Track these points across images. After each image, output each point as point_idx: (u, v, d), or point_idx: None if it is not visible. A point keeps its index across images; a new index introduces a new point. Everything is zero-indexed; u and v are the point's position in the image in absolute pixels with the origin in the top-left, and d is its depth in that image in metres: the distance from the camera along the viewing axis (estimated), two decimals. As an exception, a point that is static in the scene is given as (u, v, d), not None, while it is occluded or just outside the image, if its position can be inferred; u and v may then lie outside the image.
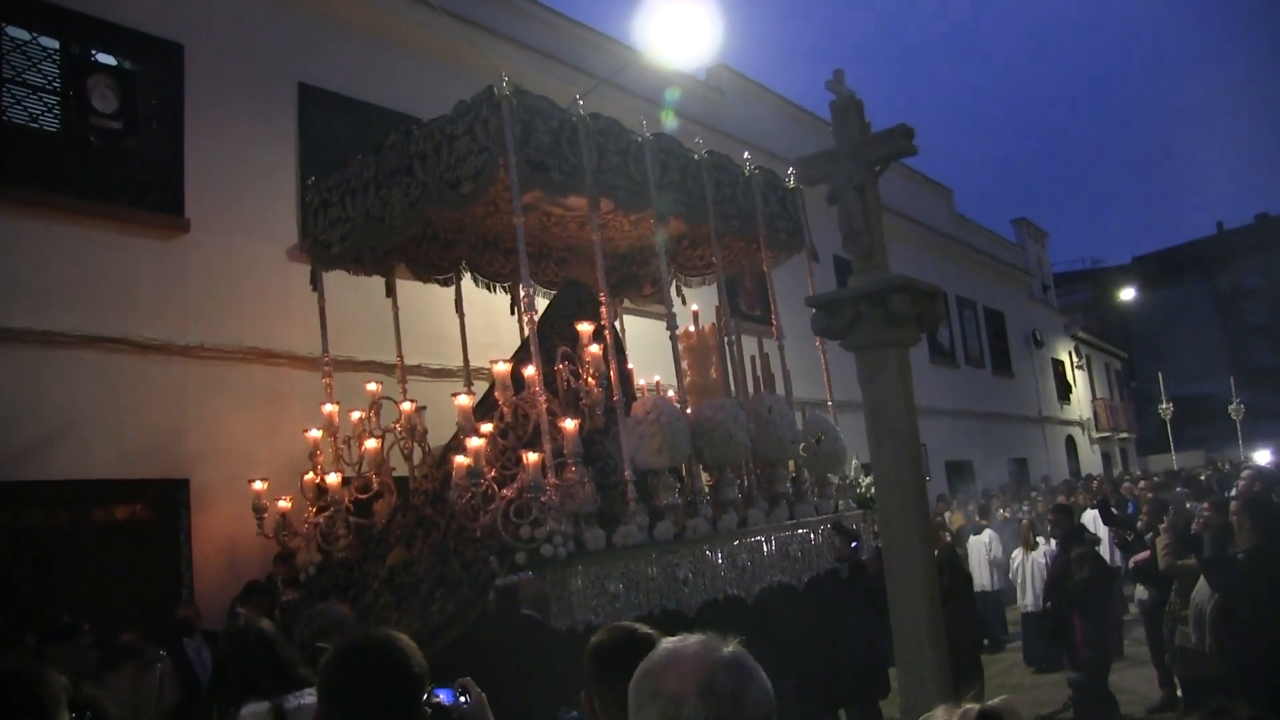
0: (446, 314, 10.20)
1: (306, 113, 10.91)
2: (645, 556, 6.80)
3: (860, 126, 4.85)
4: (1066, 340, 36.12)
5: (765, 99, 19.59)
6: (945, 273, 24.26)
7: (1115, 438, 39.17)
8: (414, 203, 7.25)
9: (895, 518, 4.57)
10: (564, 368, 7.16)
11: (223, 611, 8.06)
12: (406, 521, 7.59)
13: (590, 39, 14.95)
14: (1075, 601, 9.27)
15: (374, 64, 11.80)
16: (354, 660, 2.53)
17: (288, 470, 8.96)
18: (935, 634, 4.42)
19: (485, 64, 12.73)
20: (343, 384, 9.24)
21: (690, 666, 1.65)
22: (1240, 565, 6.82)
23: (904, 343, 4.69)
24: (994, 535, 14.22)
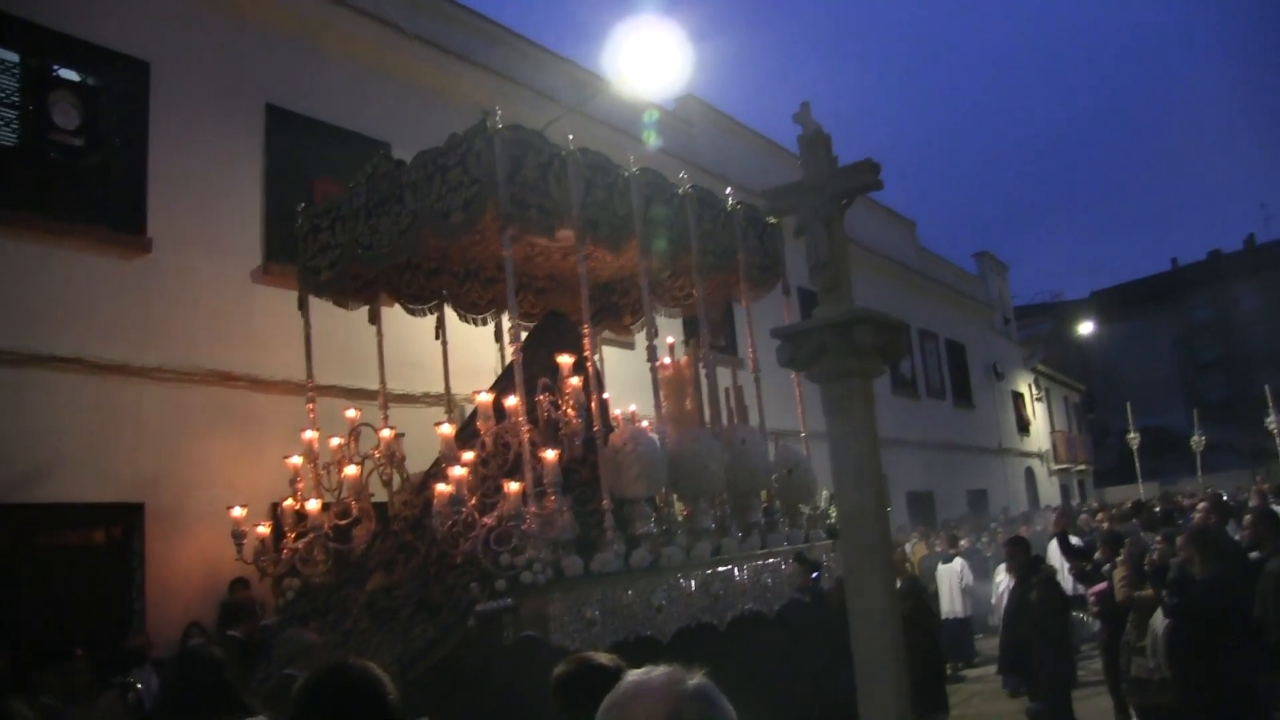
0: (415, 340, 10.11)
1: (274, 134, 10.91)
2: (622, 584, 7.00)
3: (828, 160, 4.90)
4: (1026, 372, 36.54)
5: (733, 130, 19.74)
6: (908, 305, 24.44)
7: (1073, 469, 39.67)
8: (404, 231, 7.41)
9: (858, 548, 4.56)
10: (545, 398, 7.31)
11: (175, 639, 7.87)
12: (386, 547, 7.71)
13: (561, 67, 15.00)
14: (1034, 631, 9.25)
15: (344, 87, 11.77)
16: (328, 687, 2.56)
17: (248, 494, 8.83)
18: (897, 664, 4.42)
19: (456, 90, 12.76)
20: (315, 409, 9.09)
21: (657, 698, 1.65)
22: (1197, 591, 6.86)
23: (868, 374, 4.73)
24: (964, 563, 14.83)
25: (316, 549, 7.85)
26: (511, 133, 7.02)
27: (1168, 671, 7.29)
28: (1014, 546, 10.56)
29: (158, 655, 7.81)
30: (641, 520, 7.30)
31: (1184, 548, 7.46)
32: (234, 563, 8.79)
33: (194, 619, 8.50)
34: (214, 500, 9.32)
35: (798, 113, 4.88)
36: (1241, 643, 7.21)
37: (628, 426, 7.94)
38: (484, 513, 6.60)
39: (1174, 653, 7.21)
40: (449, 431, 7.21)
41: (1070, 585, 11.48)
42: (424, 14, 12.92)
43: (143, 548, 8.99)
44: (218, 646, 4.26)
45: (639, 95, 14.77)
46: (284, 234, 10.57)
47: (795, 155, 4.92)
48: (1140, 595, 8.08)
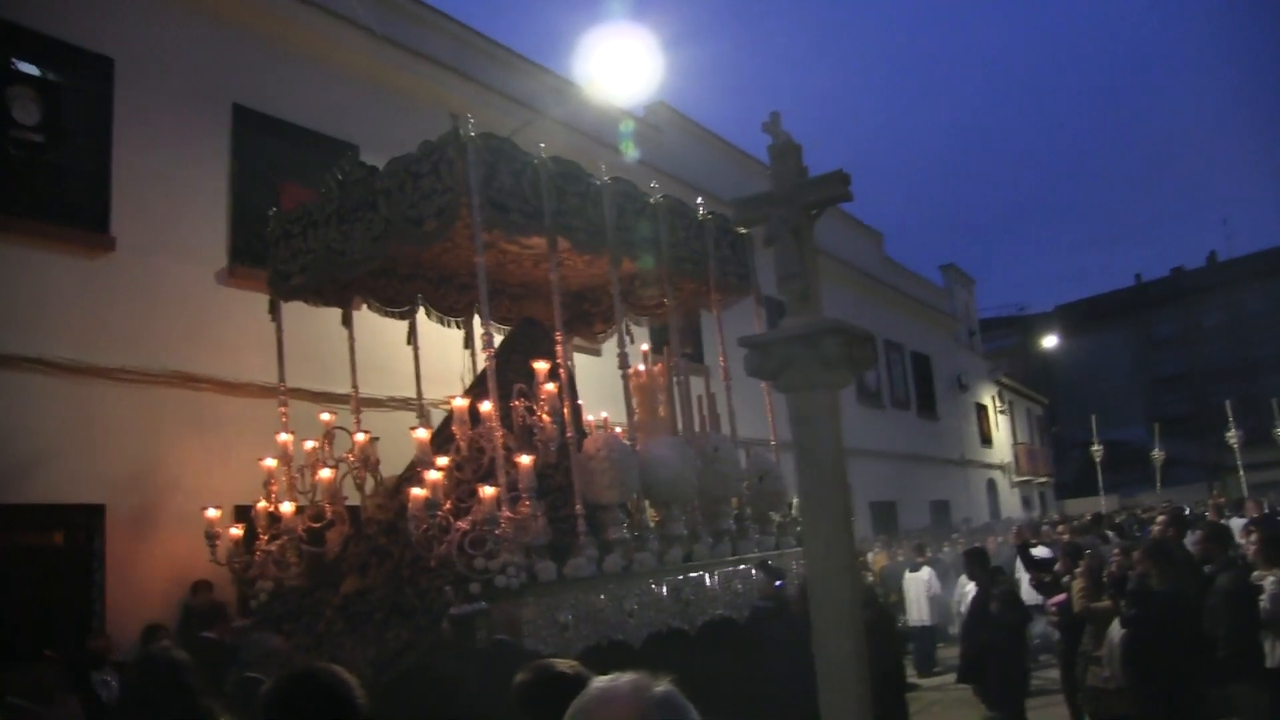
0: (381, 345, 10.13)
1: (240, 134, 10.87)
2: (594, 589, 7.12)
3: (798, 170, 4.89)
4: (990, 385, 36.93)
5: (702, 137, 19.86)
6: (874, 315, 24.65)
7: (1035, 482, 40.12)
8: (377, 238, 7.50)
9: (822, 557, 4.60)
10: (520, 404, 7.44)
11: (134, 641, 7.82)
12: (360, 551, 7.78)
13: (531, 72, 15.04)
14: (992, 642, 9.35)
15: (312, 89, 11.75)
16: (298, 691, 2.58)
17: (212, 497, 8.81)
18: (860, 673, 4.44)
19: (425, 94, 12.78)
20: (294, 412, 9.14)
21: (623, 705, 1.66)
22: (1155, 602, 7.01)
23: (835, 385, 4.76)
24: (932, 572, 15.28)
25: (290, 551, 7.93)
26: (484, 141, 7.13)
27: (1123, 680, 7.42)
28: (973, 557, 10.68)
29: (118, 658, 7.76)
30: (614, 526, 7.42)
31: (1141, 560, 7.62)
32: (197, 565, 8.79)
33: (155, 622, 8.45)
34: (177, 502, 9.32)
35: (767, 122, 4.91)
36: (1195, 654, 7.37)
37: (601, 433, 8.08)
38: (459, 517, 6.70)
39: (1130, 662, 7.36)
40: (424, 436, 7.31)
41: (1030, 596, 11.63)
42: (394, 16, 12.93)
43: (103, 550, 8.93)
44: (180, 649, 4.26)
45: (609, 101, 14.82)
46: (250, 236, 10.55)
47: (765, 164, 4.98)
48: (1097, 606, 8.22)
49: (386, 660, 6.30)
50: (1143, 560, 7.62)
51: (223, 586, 9.10)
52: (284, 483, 8.36)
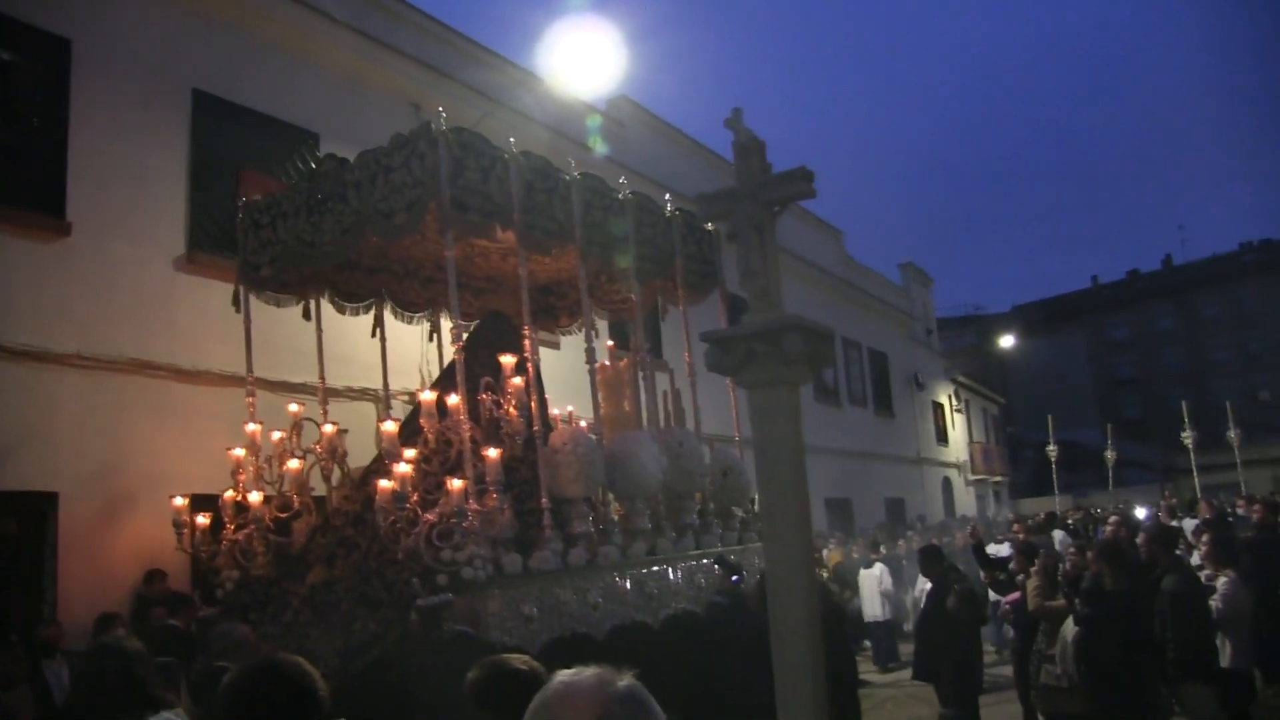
0: (339, 336, 10.12)
1: (200, 120, 10.82)
2: (559, 581, 7.25)
3: (762, 167, 4.92)
4: (947, 384, 37.33)
5: (664, 132, 19.98)
6: (832, 313, 24.86)
7: (990, 481, 40.57)
8: (347, 230, 7.56)
9: (780, 553, 4.63)
10: (487, 397, 7.53)
11: (88, 630, 7.82)
12: (327, 542, 7.83)
13: (494, 63, 15.06)
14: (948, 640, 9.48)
15: (273, 75, 11.73)
16: (261, 682, 2.60)
17: (167, 484, 8.81)
18: (817, 669, 4.48)
19: (386, 82, 12.79)
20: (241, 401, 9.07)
21: (586, 700, 1.65)
22: (1108, 602, 7.17)
23: (796, 381, 4.78)
24: (884, 568, 15.66)
25: (256, 541, 7.98)
26: (455, 135, 7.20)
27: (1077, 679, 7.57)
28: (926, 555, 10.82)
29: (70, 647, 7.75)
30: (579, 520, 7.55)
31: (1094, 560, 7.76)
32: (152, 553, 8.78)
33: (109, 611, 8.43)
34: (131, 490, 9.31)
35: (729, 118, 4.92)
36: (1148, 653, 7.57)
37: (567, 427, 8.19)
38: (426, 509, 6.79)
39: (1083, 661, 7.50)
40: (392, 428, 7.40)
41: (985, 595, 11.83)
42: (358, 4, 12.94)
43: (55, 537, 8.89)
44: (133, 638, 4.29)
45: (572, 94, 14.88)
46: (209, 222, 10.54)
47: (725, 159, 5.07)
48: (1052, 605, 8.37)
49: (353, 651, 6.40)
50: (1096, 560, 7.77)
51: (178, 575, 9.11)
52: (251, 473, 8.41)
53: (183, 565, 9.40)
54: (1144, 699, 7.79)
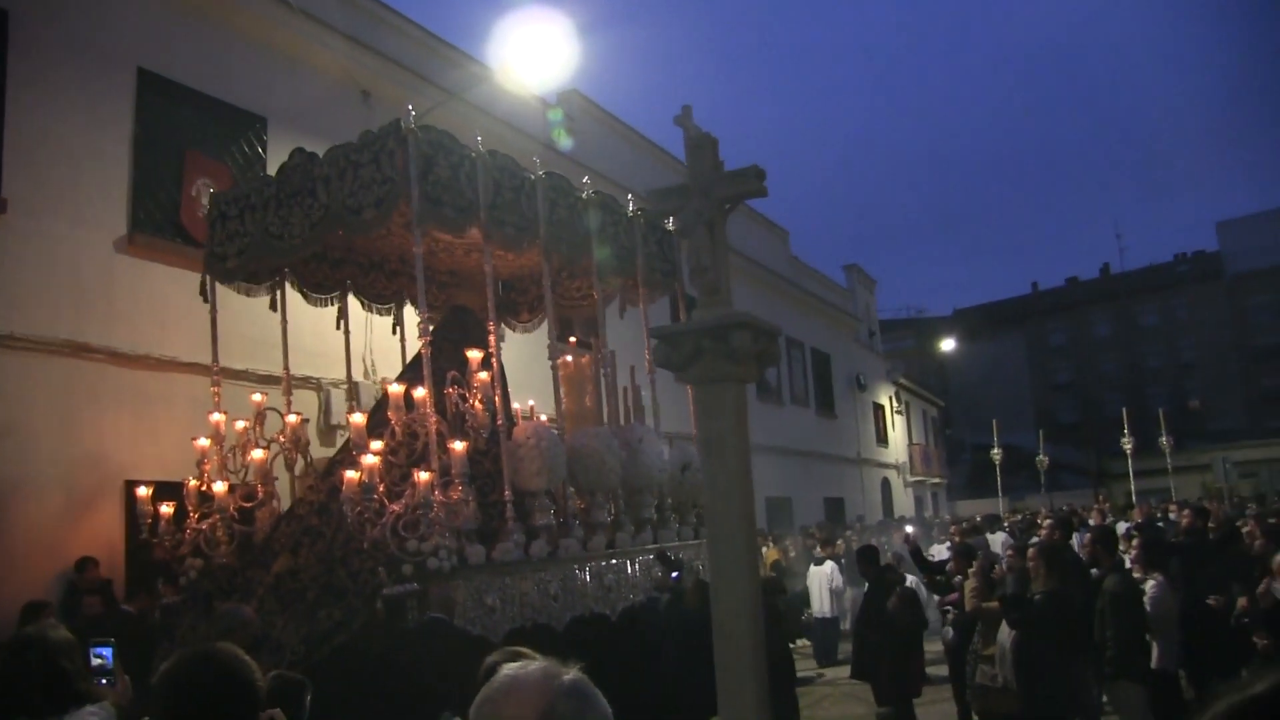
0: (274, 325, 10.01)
1: (145, 100, 10.71)
2: (521, 573, 7.46)
3: (714, 164, 4.96)
4: (888, 385, 37.81)
5: (613, 127, 20.06)
6: (777, 312, 25.06)
7: (928, 482, 41.08)
8: (315, 224, 7.70)
9: (724, 549, 4.69)
10: (454, 391, 7.70)
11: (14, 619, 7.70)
12: (292, 531, 7.96)
13: (444, 52, 15.07)
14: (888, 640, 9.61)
15: (221, 57, 11.64)
16: (199, 671, 2.60)
17: (99, 470, 8.69)
18: (758, 665, 4.52)
19: (336, 68, 12.74)
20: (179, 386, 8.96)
21: (531, 694, 1.65)
22: (1037, 606, 7.33)
23: (743, 379, 4.83)
24: (834, 565, 15.94)
25: (220, 530, 8.08)
26: (424, 133, 7.38)
27: (1014, 680, 7.72)
28: (863, 555, 10.96)
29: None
30: (541, 512, 7.75)
31: (1033, 559, 7.93)
32: (83, 541, 8.68)
33: (37, 600, 8.31)
34: (61, 475, 9.22)
35: (679, 116, 4.96)
36: (1081, 654, 7.74)
37: (531, 422, 8.41)
38: (392, 500, 6.96)
39: (1020, 664, 7.65)
40: (360, 420, 7.57)
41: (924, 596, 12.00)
42: (308, -11, 12.79)
43: (-15, 521, 8.73)
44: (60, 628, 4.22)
45: (522, 86, 14.86)
46: (152, 204, 10.42)
47: (673, 155, 5.10)
48: (988, 606, 8.53)
49: (319, 638, 6.53)
50: (1034, 559, 7.93)
51: (110, 562, 8.99)
52: (216, 462, 8.48)
53: (117, 552, 9.30)
54: (1075, 700, 7.98)
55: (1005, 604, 7.88)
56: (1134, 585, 7.98)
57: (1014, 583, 7.97)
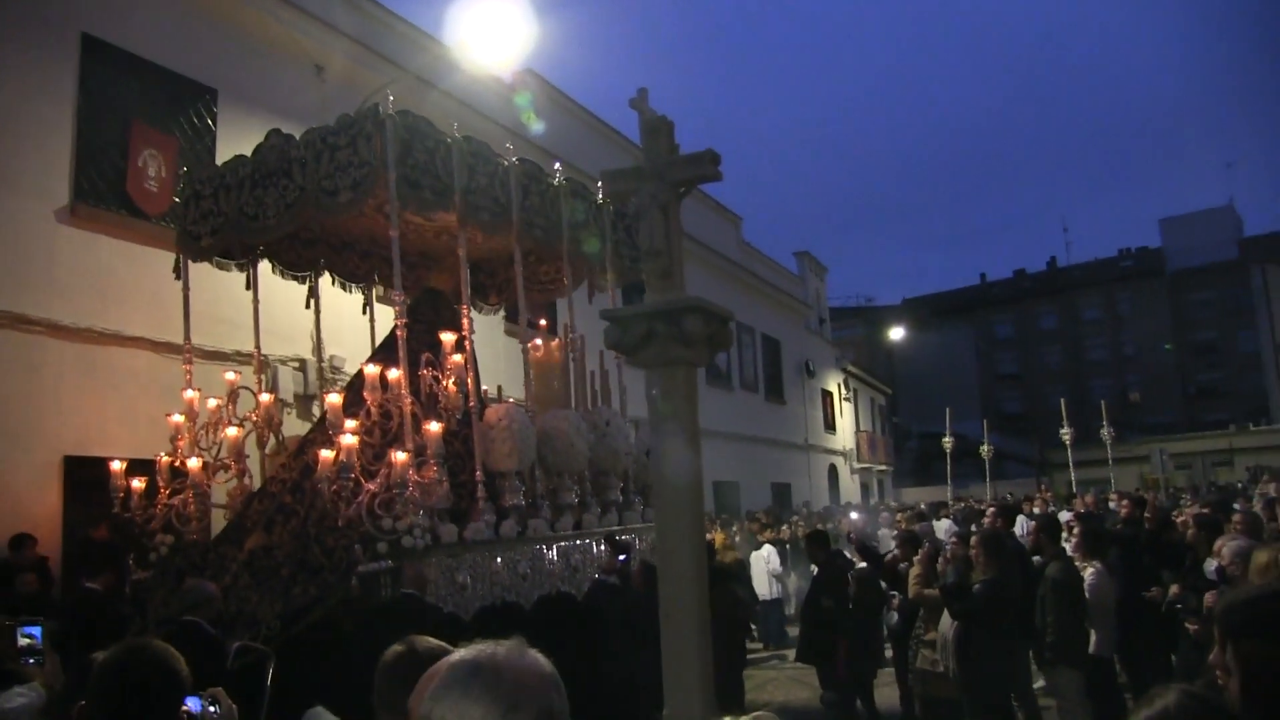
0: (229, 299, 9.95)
1: (90, 68, 10.50)
2: (491, 552, 7.67)
3: (669, 147, 4.92)
4: (837, 372, 38.14)
5: (567, 108, 20.02)
6: (728, 297, 25.08)
7: (874, 469, 41.41)
8: (290, 205, 7.82)
9: (672, 533, 4.68)
10: (428, 373, 7.86)
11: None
12: (265, 508, 8.08)
13: (398, 28, 14.97)
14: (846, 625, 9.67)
15: (170, 26, 11.45)
16: (130, 663, 2.76)
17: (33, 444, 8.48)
18: (704, 649, 4.52)
19: (288, 41, 12.59)
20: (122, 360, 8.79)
21: (428, 679, 1.69)
22: (976, 595, 7.42)
23: (694, 363, 4.81)
24: (772, 549, 16.46)
25: (193, 506, 8.21)
26: (402, 118, 7.52)
27: (955, 669, 7.82)
28: (813, 539, 11.01)
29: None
30: (511, 493, 7.95)
31: (975, 548, 8.06)
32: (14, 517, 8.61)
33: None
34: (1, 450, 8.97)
35: (634, 99, 4.94)
36: (1018, 640, 7.84)
37: (503, 404, 8.58)
38: (367, 479, 7.12)
39: (960, 651, 7.75)
40: (337, 401, 7.66)
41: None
42: (261, -43, 12.56)
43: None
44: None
45: (476, 65, 14.71)
46: (96, 174, 10.20)
47: (626, 137, 5.06)
48: (930, 593, 8.62)
49: (294, 614, 6.69)
50: (977, 547, 8.04)
51: (49, 540, 8.83)
52: (188, 439, 8.57)
53: (54, 529, 9.13)
54: (1012, 685, 8.09)
55: (946, 593, 7.96)
56: (1075, 573, 8.12)
57: (955, 572, 8.07)
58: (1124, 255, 70.70)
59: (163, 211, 10.78)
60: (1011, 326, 70.04)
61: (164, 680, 2.73)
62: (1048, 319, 68.69)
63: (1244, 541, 6.40)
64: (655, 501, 5.21)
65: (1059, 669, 7.84)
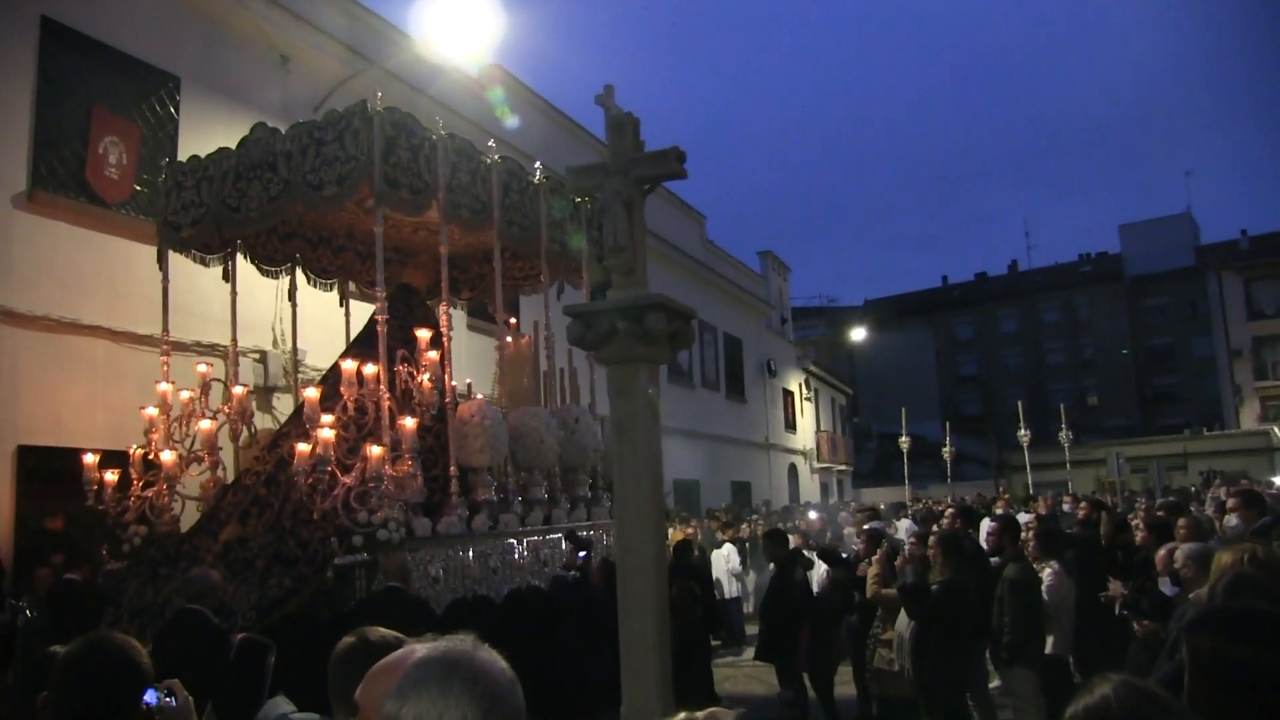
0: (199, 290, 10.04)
1: (49, 51, 10.34)
2: (463, 545, 7.88)
3: (635, 144, 4.96)
4: (798, 372, 38.32)
5: (533, 103, 19.95)
6: (691, 296, 25.11)
7: (834, 469, 41.60)
8: (274, 198, 7.94)
9: (632, 529, 4.72)
10: (404, 369, 7.98)
11: None
12: (239, 500, 8.18)
13: (364, 18, 14.82)
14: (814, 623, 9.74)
15: (133, 11, 11.38)
16: (92, 655, 2.79)
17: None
18: (662, 644, 4.55)
19: (253, 29, 12.51)
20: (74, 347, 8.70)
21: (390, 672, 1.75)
22: (933, 596, 7.51)
23: (656, 360, 4.85)
24: (732, 548, 16.65)
25: (167, 498, 8.30)
26: (388, 114, 7.66)
27: (911, 669, 7.91)
28: (772, 538, 11.07)
29: None
30: (484, 488, 8.15)
31: (933, 548, 8.15)
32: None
33: None
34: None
35: (600, 95, 5.00)
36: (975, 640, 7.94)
37: (475, 400, 8.80)
38: (343, 472, 7.27)
39: (916, 651, 7.85)
40: (314, 395, 7.83)
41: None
42: (225, -56, 12.45)
43: None
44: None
45: (442, 57, 14.67)
46: (55, 160, 10.09)
47: (591, 134, 5.09)
48: (888, 593, 8.70)
49: (269, 605, 6.79)
50: (935, 548, 8.13)
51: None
52: (163, 432, 8.63)
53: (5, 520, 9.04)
54: (968, 684, 8.19)
55: (904, 594, 8.05)
56: (1034, 574, 8.22)
57: (913, 572, 8.15)
58: (1084, 260, 71.42)
59: (123, 199, 10.71)
60: (972, 329, 70.59)
61: (125, 673, 2.75)
62: (1008, 322, 69.27)
63: (1196, 545, 6.51)
64: (616, 498, 5.24)
65: (1014, 669, 7.93)
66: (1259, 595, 3.36)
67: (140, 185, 10.76)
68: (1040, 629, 8.07)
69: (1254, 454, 41.64)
